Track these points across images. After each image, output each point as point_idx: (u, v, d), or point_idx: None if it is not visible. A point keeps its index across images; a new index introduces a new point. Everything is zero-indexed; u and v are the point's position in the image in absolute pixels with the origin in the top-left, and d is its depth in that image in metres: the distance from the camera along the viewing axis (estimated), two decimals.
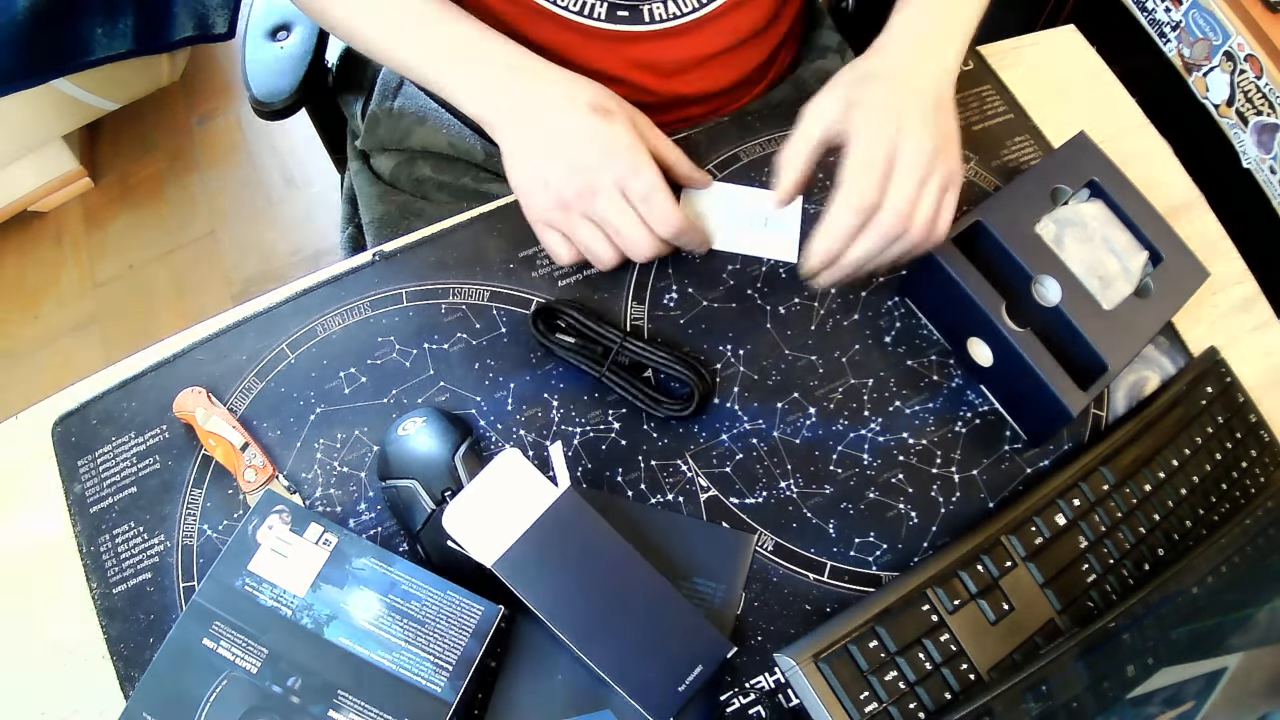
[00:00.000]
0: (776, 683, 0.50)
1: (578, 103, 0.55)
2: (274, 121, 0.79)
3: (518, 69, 0.57)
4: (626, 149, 0.54)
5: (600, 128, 0.54)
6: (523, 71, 0.57)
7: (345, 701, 0.45)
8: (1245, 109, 0.91)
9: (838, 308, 0.61)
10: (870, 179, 0.50)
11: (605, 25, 0.62)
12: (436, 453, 0.52)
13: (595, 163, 0.54)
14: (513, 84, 0.56)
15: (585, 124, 0.54)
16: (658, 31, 0.63)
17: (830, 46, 0.79)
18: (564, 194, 0.55)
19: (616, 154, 0.54)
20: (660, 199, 0.55)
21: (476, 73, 0.57)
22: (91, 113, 1.53)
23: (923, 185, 0.50)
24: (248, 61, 0.78)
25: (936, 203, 0.51)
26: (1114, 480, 0.54)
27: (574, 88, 0.56)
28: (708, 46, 0.66)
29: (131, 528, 0.53)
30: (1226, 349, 0.61)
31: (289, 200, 1.63)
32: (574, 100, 0.55)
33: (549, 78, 0.56)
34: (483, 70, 0.57)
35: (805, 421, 0.57)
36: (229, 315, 0.59)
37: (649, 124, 0.58)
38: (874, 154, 0.50)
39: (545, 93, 0.56)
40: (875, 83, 0.53)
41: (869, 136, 0.50)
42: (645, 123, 0.58)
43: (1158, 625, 0.48)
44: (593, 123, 0.54)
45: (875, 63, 0.55)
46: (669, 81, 0.67)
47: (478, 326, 0.59)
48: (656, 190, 0.54)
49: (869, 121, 0.51)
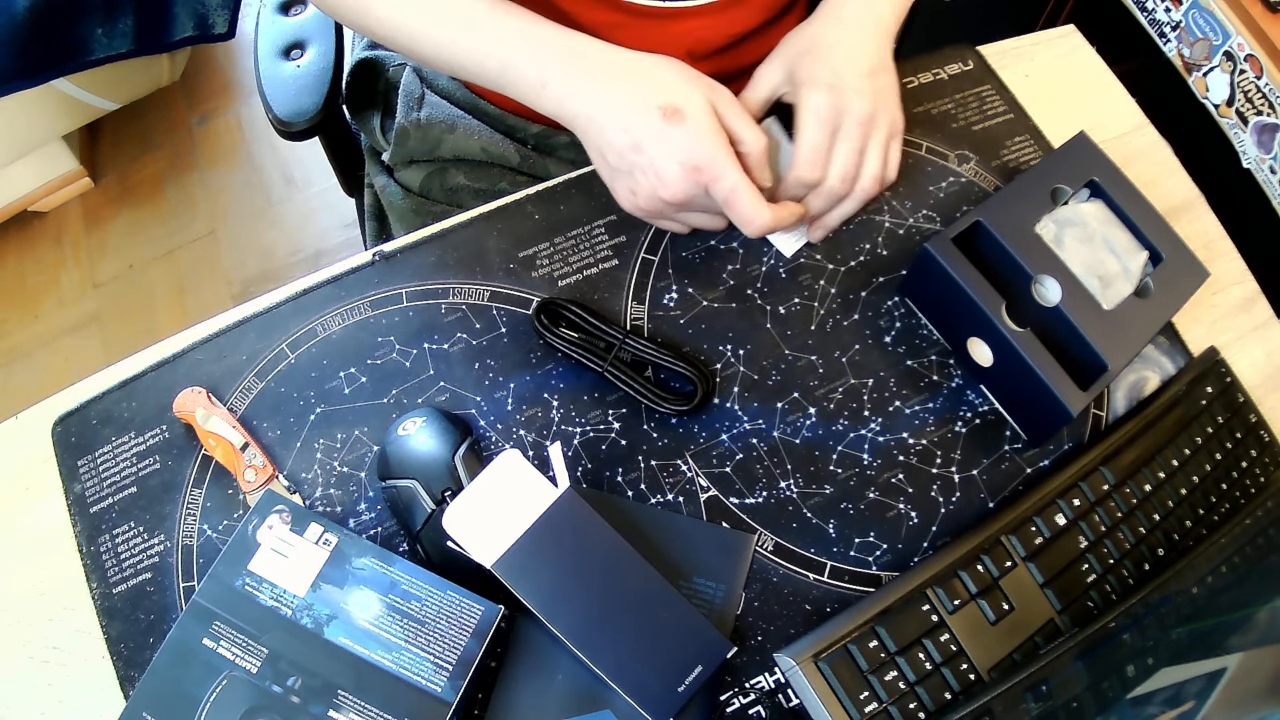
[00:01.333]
0: (776, 683, 0.50)
1: (647, 107, 0.52)
2: (295, 141, 0.78)
3: (582, 66, 0.53)
4: (700, 157, 0.51)
5: (671, 137, 0.51)
6: (588, 69, 0.53)
7: (345, 701, 0.45)
8: (1245, 109, 0.91)
9: (838, 308, 0.61)
10: (814, 159, 0.56)
11: (650, 3, 0.62)
12: (436, 453, 0.52)
13: (671, 179, 0.52)
14: (580, 85, 0.53)
15: (655, 135, 0.52)
16: (701, 7, 0.64)
17: None
18: (650, 207, 0.55)
19: (689, 164, 0.52)
20: (742, 202, 0.52)
21: (538, 74, 0.54)
22: (91, 113, 1.54)
23: (863, 151, 0.57)
24: (264, 82, 0.77)
25: (881, 159, 0.58)
26: (1114, 480, 0.54)
27: (642, 88, 0.52)
28: (745, 22, 0.67)
29: (131, 528, 0.53)
30: (1226, 349, 0.61)
31: (289, 200, 1.64)
32: (644, 105, 0.52)
33: (615, 75, 0.53)
34: (543, 71, 0.54)
35: (805, 421, 0.57)
36: (229, 315, 0.59)
37: (730, 102, 0.54)
38: (817, 136, 0.56)
39: (613, 101, 0.53)
40: (817, 57, 0.56)
41: (812, 118, 0.56)
42: (726, 101, 0.54)
43: (1158, 625, 0.48)
44: (663, 133, 0.51)
45: (819, 32, 0.58)
46: (707, 63, 0.67)
47: (478, 326, 0.59)
48: (736, 193, 0.52)
49: (811, 103, 0.56)
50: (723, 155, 0.52)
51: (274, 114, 0.76)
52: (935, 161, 0.67)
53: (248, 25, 1.22)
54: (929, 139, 0.68)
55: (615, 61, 0.54)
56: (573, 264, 0.61)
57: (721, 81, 0.70)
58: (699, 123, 0.52)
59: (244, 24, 1.48)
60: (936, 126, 0.68)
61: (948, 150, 0.67)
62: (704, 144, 0.52)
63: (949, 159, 0.67)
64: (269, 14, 0.81)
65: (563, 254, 0.62)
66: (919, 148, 0.67)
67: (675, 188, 0.53)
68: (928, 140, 0.68)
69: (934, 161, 0.67)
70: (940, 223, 0.64)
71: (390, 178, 0.79)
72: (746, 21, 0.66)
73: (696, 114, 0.52)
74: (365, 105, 0.80)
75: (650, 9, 0.63)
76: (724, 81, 0.70)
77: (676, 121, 0.51)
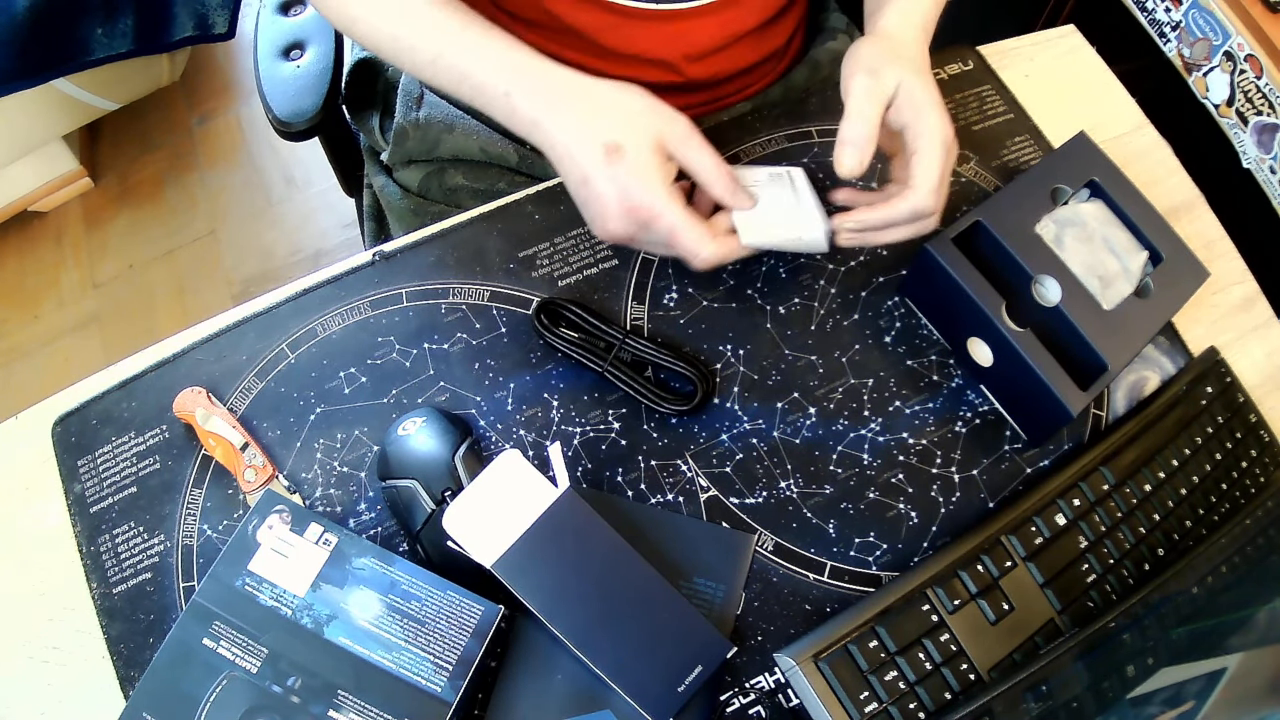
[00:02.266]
0: (776, 683, 0.50)
1: (594, 143, 0.52)
2: (295, 142, 0.78)
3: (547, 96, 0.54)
4: (635, 197, 0.51)
5: (611, 176, 0.51)
6: (552, 98, 0.53)
7: (345, 701, 0.45)
8: (1245, 109, 0.91)
9: (838, 308, 0.61)
10: (939, 188, 0.53)
11: (643, 4, 0.62)
12: (436, 453, 0.52)
13: (611, 216, 0.53)
14: (543, 115, 0.53)
15: (598, 172, 0.52)
16: (694, 9, 0.63)
17: (839, 28, 0.80)
18: (608, 237, 0.55)
19: (626, 204, 0.51)
20: (681, 240, 0.52)
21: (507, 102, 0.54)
22: (91, 113, 1.54)
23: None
24: (264, 83, 0.77)
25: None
26: (1114, 480, 0.54)
27: (592, 123, 0.52)
28: (740, 24, 0.66)
29: (131, 528, 0.53)
30: (1226, 349, 0.61)
31: (289, 200, 1.64)
32: (590, 140, 0.52)
33: (573, 106, 0.53)
34: (511, 99, 0.54)
35: (805, 421, 0.57)
36: (229, 315, 0.59)
37: (683, 135, 0.53)
38: (944, 166, 0.53)
39: (566, 134, 0.53)
40: (925, 78, 0.54)
41: (942, 148, 0.53)
42: (680, 134, 0.53)
43: (1158, 625, 0.48)
44: (604, 171, 0.51)
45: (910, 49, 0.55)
46: (702, 64, 0.67)
47: (478, 326, 0.59)
48: (675, 232, 0.51)
49: (937, 131, 0.53)
50: (659, 195, 0.51)
51: (273, 114, 0.76)
52: None
53: (248, 25, 1.22)
54: None
55: (577, 91, 0.54)
56: (573, 264, 0.61)
57: (717, 84, 0.70)
58: (636, 161, 0.51)
59: (244, 24, 1.48)
60: None
61: None
62: (638, 184, 0.51)
63: None
64: (268, 14, 0.81)
65: (563, 254, 0.62)
66: None
67: (616, 225, 0.53)
68: None
69: None
70: (940, 223, 0.64)
71: (389, 178, 0.79)
72: (741, 23, 0.66)
73: (635, 152, 0.51)
74: (364, 105, 0.80)
75: (644, 11, 0.63)
76: (720, 83, 0.71)
77: (617, 160, 0.51)
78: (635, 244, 0.55)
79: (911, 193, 0.52)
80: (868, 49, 0.54)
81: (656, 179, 0.51)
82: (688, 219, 0.51)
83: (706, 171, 0.53)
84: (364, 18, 0.58)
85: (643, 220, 0.52)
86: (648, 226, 0.52)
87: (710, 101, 0.71)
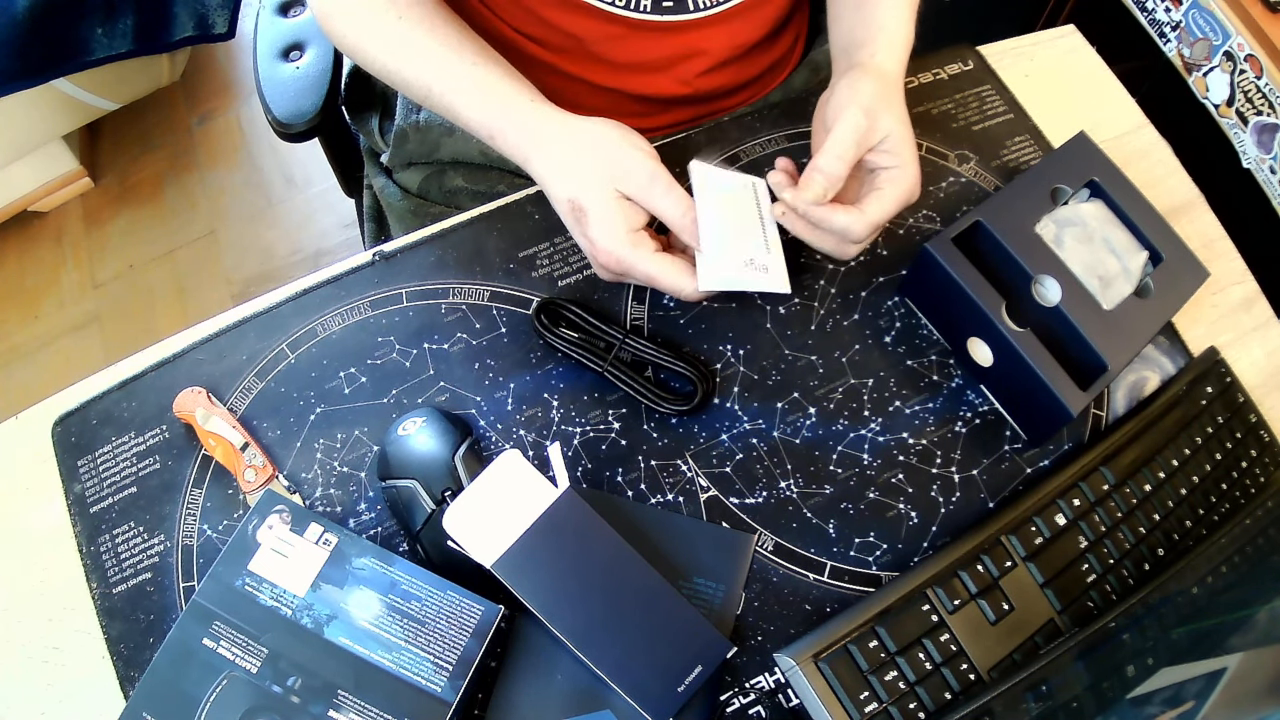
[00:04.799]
0: (776, 683, 0.50)
1: (562, 202, 0.54)
2: (295, 143, 0.78)
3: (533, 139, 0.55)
4: (606, 249, 0.52)
5: (582, 233, 0.53)
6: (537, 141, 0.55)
7: (345, 701, 0.45)
8: (1245, 109, 0.91)
9: (838, 308, 0.61)
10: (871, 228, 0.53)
11: (651, 17, 0.62)
12: (436, 453, 0.52)
13: (595, 263, 0.55)
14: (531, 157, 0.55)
15: (573, 225, 0.54)
16: (702, 20, 0.63)
17: None
18: (604, 277, 0.56)
19: (601, 257, 0.53)
20: (663, 283, 0.52)
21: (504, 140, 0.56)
22: (91, 113, 1.54)
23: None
24: (264, 84, 0.77)
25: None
26: (1114, 480, 0.54)
27: (559, 178, 0.54)
28: (748, 35, 0.66)
29: (131, 528, 0.53)
30: (1226, 349, 0.61)
31: (289, 200, 1.64)
32: (560, 199, 0.54)
33: (543, 160, 0.54)
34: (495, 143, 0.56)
35: (805, 421, 0.57)
36: (229, 315, 0.59)
37: (645, 181, 0.52)
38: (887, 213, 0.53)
39: (545, 182, 0.54)
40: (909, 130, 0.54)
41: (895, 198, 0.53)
42: (641, 180, 0.52)
43: (1158, 625, 0.48)
44: (576, 226, 0.54)
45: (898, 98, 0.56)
46: (709, 77, 0.67)
47: (478, 326, 0.59)
48: (654, 279, 0.52)
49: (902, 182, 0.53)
50: (625, 249, 0.52)
51: (273, 115, 0.76)
52: (935, 161, 0.67)
53: (248, 25, 1.22)
54: (929, 139, 0.68)
55: (554, 134, 0.54)
56: (573, 264, 0.61)
57: (723, 95, 0.70)
58: (598, 219, 0.52)
59: (244, 24, 1.48)
60: (936, 126, 0.68)
61: (948, 150, 0.67)
62: (604, 240, 0.52)
63: (949, 159, 0.67)
64: (268, 15, 0.81)
65: (563, 254, 0.62)
66: (919, 148, 0.67)
67: (600, 270, 0.55)
68: (928, 140, 0.68)
69: (934, 161, 0.67)
70: (940, 223, 0.64)
71: (389, 179, 0.79)
72: (748, 34, 0.66)
73: (596, 209, 0.52)
74: (364, 107, 0.80)
75: (651, 23, 0.63)
76: (726, 94, 0.71)
77: (582, 218, 0.53)
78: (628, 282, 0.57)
79: (856, 213, 0.53)
80: (869, 88, 0.54)
81: (620, 235, 0.52)
82: (660, 263, 0.52)
83: (673, 219, 0.53)
84: (362, 48, 0.59)
85: (616, 272, 0.54)
86: (627, 274, 0.54)
87: (716, 112, 0.71)
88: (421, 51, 0.57)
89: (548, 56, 0.65)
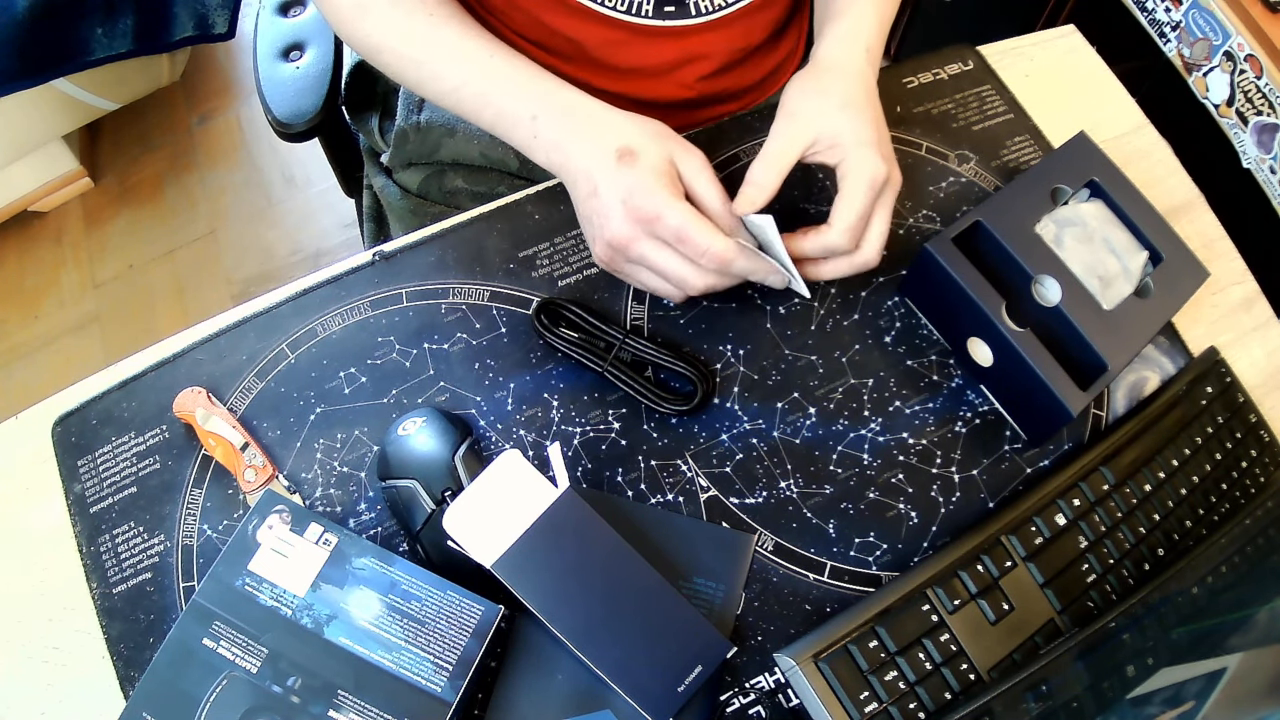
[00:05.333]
0: (776, 683, 0.50)
1: (606, 151, 0.52)
2: (295, 143, 0.78)
3: (567, 121, 0.55)
4: (646, 193, 0.51)
5: (620, 175, 0.52)
6: (573, 123, 0.54)
7: (345, 701, 0.45)
8: (1245, 109, 0.91)
9: (838, 308, 0.61)
10: (857, 227, 0.53)
11: (653, 21, 0.62)
12: (436, 453, 0.52)
13: (614, 218, 0.52)
14: (561, 138, 0.54)
15: (608, 176, 0.52)
16: (703, 24, 0.63)
17: None
18: (602, 254, 0.55)
19: (631, 204, 0.51)
20: (694, 235, 0.51)
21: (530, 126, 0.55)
22: (91, 113, 1.54)
23: (887, 221, 0.55)
24: (264, 84, 0.77)
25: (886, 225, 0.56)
26: (1114, 480, 0.54)
27: (606, 135, 0.53)
28: (748, 39, 0.66)
29: (131, 528, 0.53)
30: (1226, 349, 0.61)
31: (289, 200, 1.64)
32: (604, 149, 0.52)
33: (590, 128, 0.54)
34: (535, 124, 0.55)
35: (805, 421, 0.57)
36: (229, 315, 0.59)
37: (698, 166, 0.53)
38: (864, 205, 0.53)
39: (581, 149, 0.53)
40: (853, 116, 0.54)
41: (868, 187, 0.53)
42: (695, 164, 0.53)
43: (1158, 625, 0.48)
44: (613, 172, 0.52)
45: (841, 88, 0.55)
46: (711, 81, 0.67)
47: (478, 326, 0.59)
48: (687, 227, 0.50)
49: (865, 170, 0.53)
50: (664, 195, 0.51)
51: (273, 115, 0.76)
52: (935, 161, 0.67)
53: (248, 25, 1.22)
54: (929, 139, 0.68)
55: (600, 118, 0.54)
56: (573, 264, 0.61)
57: (725, 98, 0.70)
58: (647, 165, 0.51)
59: (244, 24, 1.48)
60: (936, 126, 0.68)
61: (948, 150, 0.67)
62: (645, 186, 0.51)
63: (949, 159, 0.67)
64: (268, 15, 0.81)
65: (563, 254, 0.62)
66: (919, 148, 0.67)
67: (616, 228, 0.52)
68: (928, 140, 0.68)
69: (934, 161, 0.67)
70: (940, 223, 0.64)
71: (389, 179, 0.79)
72: (749, 38, 0.66)
73: (648, 157, 0.52)
74: (364, 107, 0.80)
75: (652, 27, 0.63)
76: (730, 98, 0.71)
77: (629, 162, 0.52)
78: (626, 265, 0.55)
79: (826, 228, 0.53)
80: (796, 88, 0.55)
81: (663, 182, 0.51)
82: (696, 215, 0.51)
83: (714, 205, 0.53)
84: (389, 46, 0.59)
85: (646, 219, 0.51)
86: (652, 226, 0.51)
87: (718, 115, 0.71)
88: (455, 46, 0.57)
89: (550, 61, 0.65)
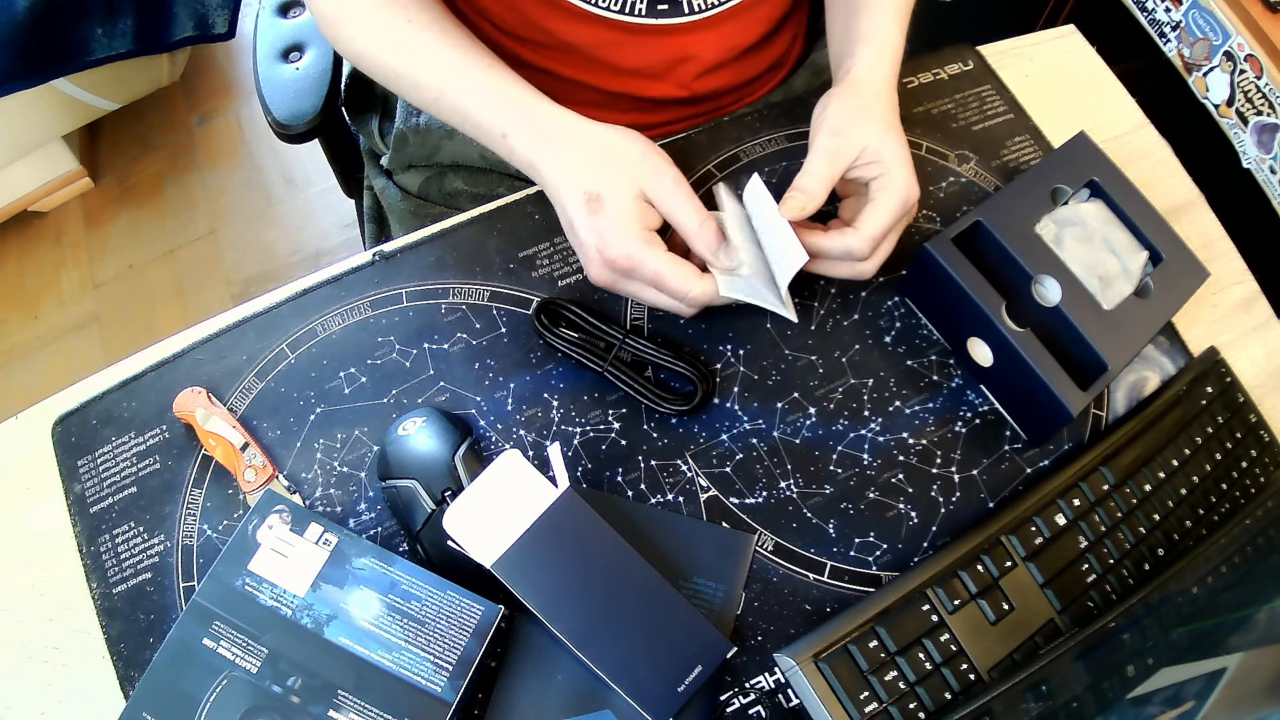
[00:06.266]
0: (776, 683, 0.50)
1: (576, 194, 0.53)
2: (295, 144, 0.78)
3: (545, 139, 0.55)
4: (618, 243, 0.52)
5: (591, 226, 0.53)
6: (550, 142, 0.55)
7: (345, 701, 0.45)
8: (1245, 109, 0.91)
9: (838, 308, 0.61)
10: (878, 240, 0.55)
11: (646, 20, 0.62)
12: (436, 453, 0.52)
13: (592, 264, 0.54)
14: (539, 157, 0.55)
15: (581, 221, 0.53)
16: (698, 22, 0.63)
17: None
18: (594, 281, 0.56)
19: (610, 252, 0.52)
20: (670, 282, 0.52)
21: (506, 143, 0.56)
22: (91, 113, 1.54)
23: (895, 241, 0.57)
24: (263, 85, 0.77)
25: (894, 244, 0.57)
26: (1114, 480, 0.54)
27: (576, 172, 0.53)
28: (744, 37, 0.66)
29: (131, 528, 0.53)
30: (1226, 349, 0.61)
31: (289, 200, 1.64)
32: (574, 189, 0.53)
33: (567, 151, 0.54)
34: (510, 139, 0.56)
35: (805, 421, 0.57)
36: (229, 315, 0.59)
37: (668, 187, 0.53)
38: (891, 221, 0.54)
39: (558, 179, 0.54)
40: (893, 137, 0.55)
41: (900, 204, 0.54)
42: (665, 185, 0.53)
43: (1158, 625, 0.48)
44: (586, 220, 0.53)
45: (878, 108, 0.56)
46: (705, 79, 0.67)
47: (478, 326, 0.59)
48: (662, 276, 0.52)
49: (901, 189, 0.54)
50: (637, 245, 0.52)
51: (273, 116, 0.76)
52: (935, 161, 0.67)
53: (248, 25, 1.22)
54: (929, 139, 0.68)
55: (572, 135, 0.55)
56: (573, 264, 0.61)
57: (720, 95, 0.70)
58: (615, 211, 0.52)
59: (244, 24, 1.48)
60: (936, 126, 0.68)
61: (948, 150, 0.68)
62: (616, 235, 0.52)
63: (949, 159, 0.67)
64: (268, 16, 0.81)
65: (563, 254, 0.62)
66: (919, 148, 0.67)
67: (596, 272, 0.55)
68: (928, 140, 0.68)
69: (934, 161, 0.67)
70: (940, 223, 0.64)
71: (389, 180, 0.79)
72: (743, 36, 0.66)
73: (615, 202, 0.52)
74: (364, 108, 0.80)
75: (647, 26, 0.63)
76: (722, 95, 0.71)
77: (597, 209, 0.52)
78: (619, 291, 0.56)
79: (852, 232, 0.54)
80: (838, 105, 0.56)
81: (635, 229, 0.52)
82: (670, 261, 0.52)
83: (689, 228, 0.54)
84: (371, 53, 0.59)
85: (622, 269, 0.53)
86: (629, 275, 0.53)
87: (713, 111, 0.71)
88: (433, 55, 0.57)
89: (545, 61, 0.65)
